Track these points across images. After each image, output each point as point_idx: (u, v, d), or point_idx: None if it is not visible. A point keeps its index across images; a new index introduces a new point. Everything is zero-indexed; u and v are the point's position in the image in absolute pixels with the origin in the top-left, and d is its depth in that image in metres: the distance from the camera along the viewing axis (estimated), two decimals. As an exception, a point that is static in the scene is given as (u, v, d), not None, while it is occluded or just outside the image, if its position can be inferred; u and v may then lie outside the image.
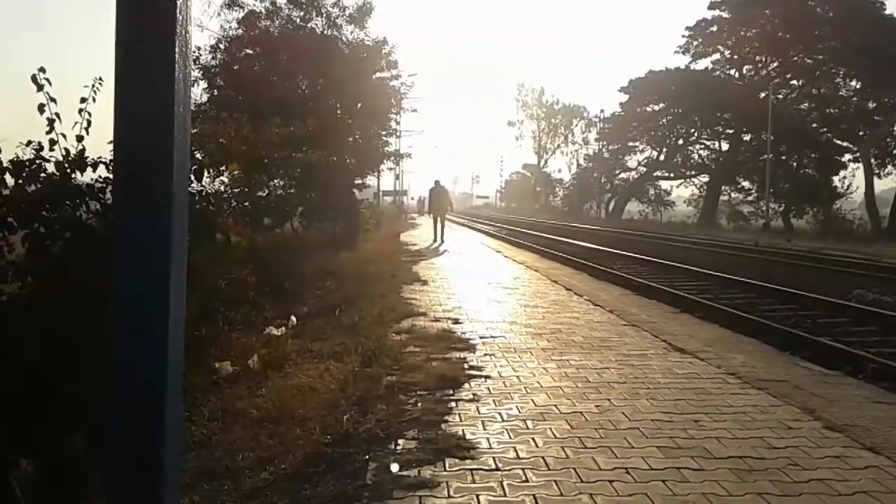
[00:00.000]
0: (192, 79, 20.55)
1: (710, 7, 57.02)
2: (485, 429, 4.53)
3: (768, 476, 3.77)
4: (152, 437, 1.34)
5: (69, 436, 4.64)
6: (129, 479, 1.34)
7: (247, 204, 13.66)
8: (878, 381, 6.92)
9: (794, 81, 55.15)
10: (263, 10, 22.83)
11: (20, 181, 5.73)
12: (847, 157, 51.60)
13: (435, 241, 24.91)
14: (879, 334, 9.67)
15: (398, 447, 4.22)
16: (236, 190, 12.76)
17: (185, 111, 1.34)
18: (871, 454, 4.15)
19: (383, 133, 28.01)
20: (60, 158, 5.89)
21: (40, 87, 5.71)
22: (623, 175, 75.99)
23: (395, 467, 3.79)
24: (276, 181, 18.44)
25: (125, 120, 1.30)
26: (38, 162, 5.83)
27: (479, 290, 11.56)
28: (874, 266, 19.35)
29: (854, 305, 11.89)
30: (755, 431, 4.51)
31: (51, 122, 5.79)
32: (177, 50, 1.29)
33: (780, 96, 53.37)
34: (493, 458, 4.00)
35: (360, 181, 26.73)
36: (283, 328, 8.65)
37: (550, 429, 4.53)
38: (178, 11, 1.29)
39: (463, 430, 4.50)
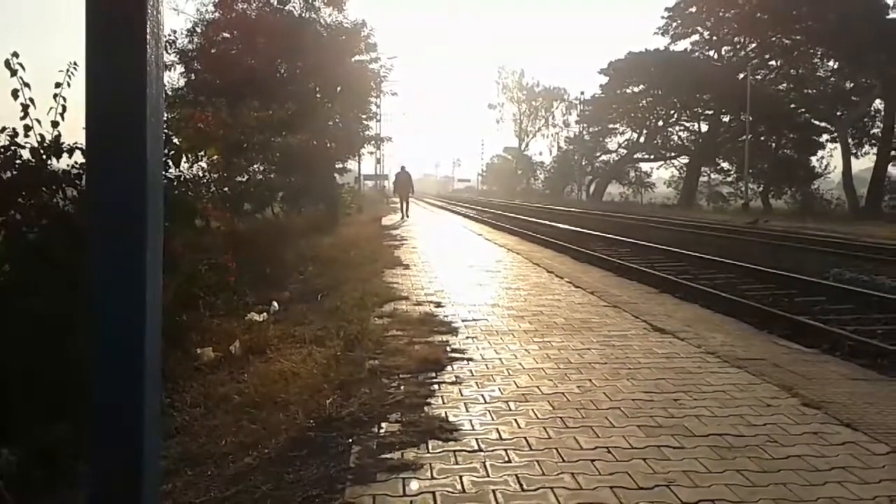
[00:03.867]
0: (170, 63, 20.37)
1: (689, -12, 57.08)
2: (467, 411, 4.55)
3: (747, 453, 3.81)
4: (132, 425, 1.33)
5: (53, 424, 4.61)
6: (109, 466, 1.34)
7: (226, 189, 13.55)
8: (855, 358, 7.00)
9: (773, 62, 55.37)
10: (240, -7, 22.59)
11: (-6, 168, 5.67)
12: (825, 137, 52.09)
13: (402, 218, 28.65)
14: (856, 312, 9.79)
15: (381, 430, 4.23)
16: (215, 175, 12.65)
17: (158, 93, 1.32)
18: (849, 430, 4.21)
19: (363, 117, 27.90)
20: (36, 145, 5.82)
21: (13, 73, 5.64)
22: (603, 157, 76.31)
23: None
24: (255, 166, 18.30)
25: (97, 103, 1.29)
26: (13, 148, 5.76)
27: (462, 274, 11.57)
28: (851, 245, 19.56)
29: (831, 284, 12.01)
30: (734, 409, 4.56)
31: (25, 107, 5.72)
32: (148, 31, 1.27)
33: (759, 77, 53.62)
34: (476, 439, 4.02)
35: (340, 165, 26.61)
36: (265, 314, 8.62)
37: (532, 410, 4.55)
38: (149, -8, 1.27)
39: (446, 412, 4.51)
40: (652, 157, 69.27)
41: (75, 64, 5.81)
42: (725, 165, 59.05)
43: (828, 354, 6.69)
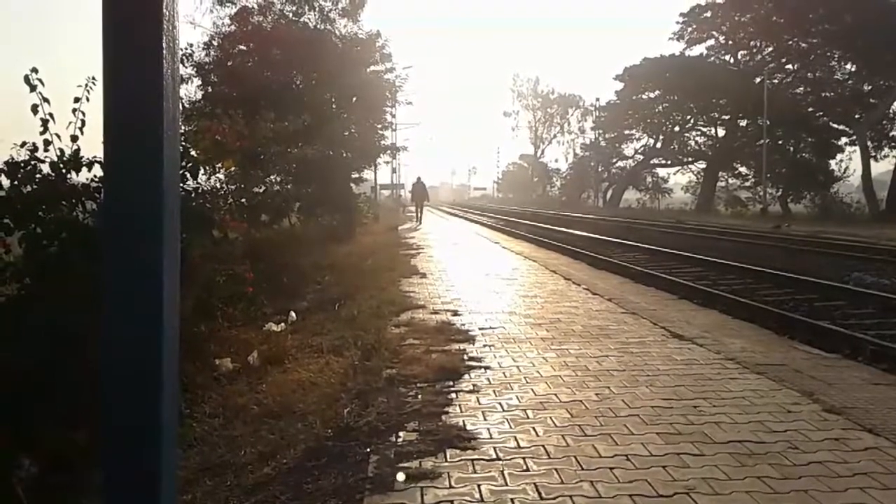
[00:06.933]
0: (186, 76, 20.50)
1: (704, -7, 56.93)
2: (485, 419, 4.54)
3: (768, 460, 3.78)
4: (149, 435, 1.34)
5: (71, 433, 4.65)
6: (126, 476, 1.35)
7: (243, 200, 13.63)
8: (877, 362, 6.94)
9: (789, 66, 55.02)
10: (256, 6, 22.77)
11: (16, 182, 5.74)
12: (843, 140, 51.50)
13: (417, 223, 33.28)
14: (877, 316, 9.70)
15: (399, 439, 4.23)
16: (232, 186, 12.73)
17: (175, 106, 1.34)
18: (871, 436, 4.16)
19: (379, 126, 27.97)
20: (55, 159, 5.89)
21: (33, 88, 5.71)
22: (620, 163, 76.09)
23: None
24: (272, 177, 18.40)
25: (114, 117, 1.30)
26: (33, 163, 5.83)
27: (478, 282, 11.57)
28: (872, 249, 19.38)
29: (852, 288, 11.90)
30: (754, 416, 4.52)
31: (44, 122, 5.79)
32: (164, 45, 1.29)
33: (776, 81, 53.28)
34: (494, 447, 4.01)
35: (356, 175, 26.70)
36: (283, 324, 8.66)
37: (550, 418, 4.54)
38: (164, 6, 1.29)
39: (463, 420, 4.51)
40: (669, 162, 69.00)
41: (94, 78, 5.88)
42: (743, 170, 58.69)
43: (849, 359, 6.62)
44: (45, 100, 5.73)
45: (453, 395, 5.08)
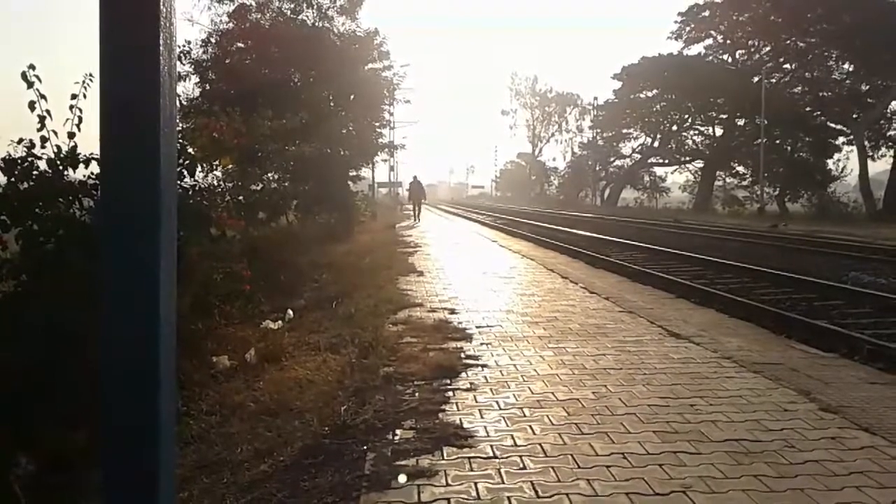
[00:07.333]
0: (184, 73, 20.48)
1: (702, -8, 56.94)
2: (482, 417, 4.54)
3: (764, 458, 3.78)
4: (147, 433, 1.34)
5: (71, 433, 4.65)
6: (124, 474, 1.35)
7: (241, 198, 13.62)
8: (874, 362, 6.95)
9: (787, 65, 55.01)
10: (254, 3, 22.78)
11: (12, 179, 5.73)
12: (841, 140, 51.54)
13: (414, 220, 33.76)
14: (875, 316, 9.70)
15: (396, 437, 4.23)
16: (230, 184, 12.72)
17: (172, 104, 1.34)
18: (867, 435, 4.17)
19: (377, 124, 28.02)
20: (52, 156, 5.88)
21: (30, 84, 5.70)
22: (618, 162, 76.10)
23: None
24: (270, 174, 18.40)
25: (111, 114, 1.30)
26: (30, 159, 5.82)
27: (476, 280, 11.56)
28: (869, 248, 19.40)
29: (849, 287, 11.91)
30: (751, 414, 4.53)
31: (41, 119, 5.78)
32: (161, 42, 1.29)
33: (773, 80, 53.30)
34: (491, 445, 4.01)
35: (354, 173, 26.72)
36: (280, 321, 8.66)
37: (547, 416, 4.54)
38: (161, 4, 1.29)
39: (460, 418, 4.51)
40: (666, 161, 69.04)
41: (91, 75, 5.88)
42: (741, 169, 58.73)
43: (846, 358, 6.63)
44: (43, 96, 5.73)
45: (450, 393, 5.07)
